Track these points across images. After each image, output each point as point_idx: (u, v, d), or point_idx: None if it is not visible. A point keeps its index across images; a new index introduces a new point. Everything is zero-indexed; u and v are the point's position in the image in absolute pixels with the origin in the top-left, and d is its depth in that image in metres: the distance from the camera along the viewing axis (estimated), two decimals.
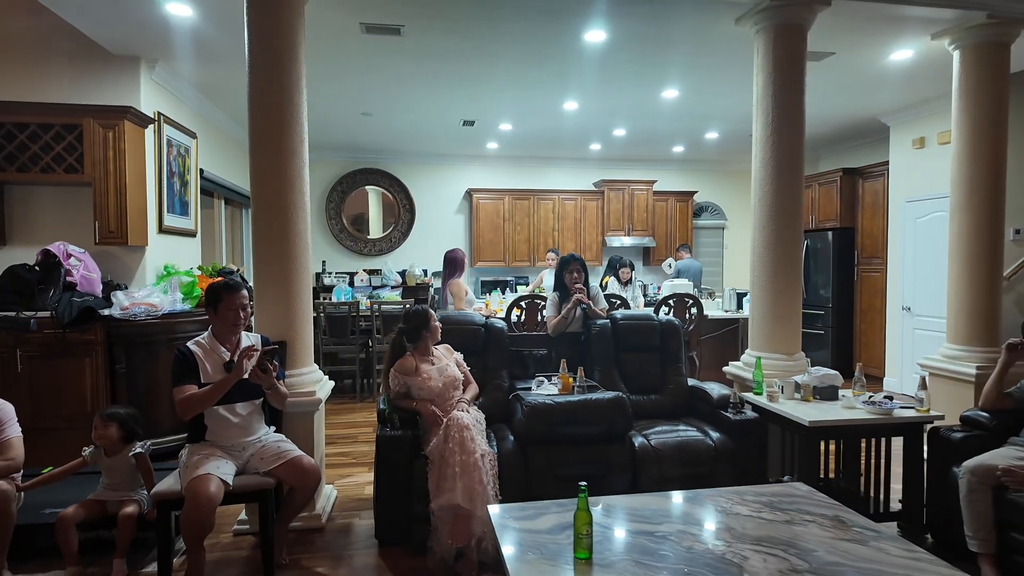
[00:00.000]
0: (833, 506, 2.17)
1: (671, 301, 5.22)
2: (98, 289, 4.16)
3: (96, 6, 3.58)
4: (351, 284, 7.64)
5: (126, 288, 4.29)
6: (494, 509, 2.13)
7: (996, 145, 3.89)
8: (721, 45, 4.24)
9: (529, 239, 8.55)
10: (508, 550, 1.83)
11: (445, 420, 2.81)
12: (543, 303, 5.01)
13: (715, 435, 3.20)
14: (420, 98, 5.59)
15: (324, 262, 8.18)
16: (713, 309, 5.96)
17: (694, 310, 5.26)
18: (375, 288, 7.29)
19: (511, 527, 1.98)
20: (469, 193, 8.47)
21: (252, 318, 3.01)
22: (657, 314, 5.20)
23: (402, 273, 8.03)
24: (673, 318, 3.93)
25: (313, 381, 3.22)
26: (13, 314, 3.72)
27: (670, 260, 8.30)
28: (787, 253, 3.63)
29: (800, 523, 2.03)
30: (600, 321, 3.74)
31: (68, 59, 4.33)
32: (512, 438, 3.05)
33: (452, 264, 5.25)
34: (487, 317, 4.09)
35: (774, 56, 3.58)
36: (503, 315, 5.19)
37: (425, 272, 8.13)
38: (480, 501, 2.57)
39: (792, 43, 3.57)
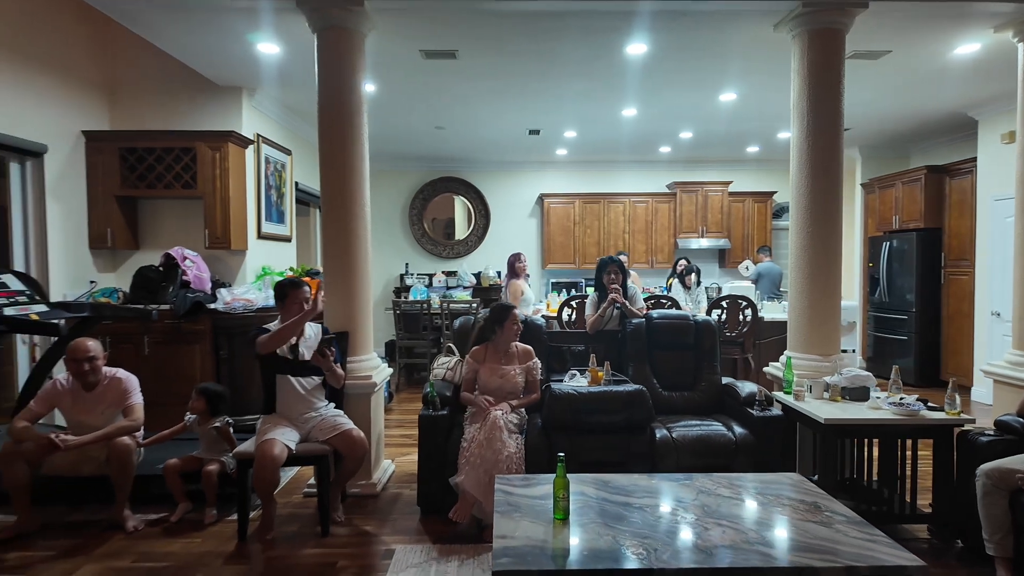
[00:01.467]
0: (817, 496, 2.30)
1: (724, 303, 5.27)
2: (207, 287, 4.90)
3: (206, 49, 4.27)
4: (429, 285, 8.21)
5: (229, 286, 5.02)
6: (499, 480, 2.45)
7: None
8: (764, 49, 4.29)
9: (599, 242, 8.74)
10: (499, 508, 2.15)
11: (487, 414, 3.15)
12: None
13: (739, 430, 3.32)
14: (483, 112, 6.00)
15: (407, 264, 8.82)
16: (776, 311, 5.89)
17: (748, 312, 5.26)
18: (449, 288, 7.80)
19: (506, 491, 2.29)
20: (541, 198, 8.80)
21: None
22: (710, 315, 5.30)
23: (477, 275, 8.50)
24: (709, 318, 4.04)
25: (371, 367, 3.69)
26: (142, 307, 4.49)
27: (747, 263, 8.18)
28: (824, 256, 3.66)
29: (774, 506, 2.18)
30: (636, 320, 3.94)
31: (185, 92, 5.12)
32: (540, 424, 3.34)
33: (512, 267, 5.67)
34: (543, 316, 4.42)
35: (809, 61, 3.63)
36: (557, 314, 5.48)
37: (498, 274, 8.54)
38: (487, 493, 2.84)
39: (828, 47, 3.60)
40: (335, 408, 3.31)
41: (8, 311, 3.46)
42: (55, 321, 3.55)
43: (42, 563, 2.76)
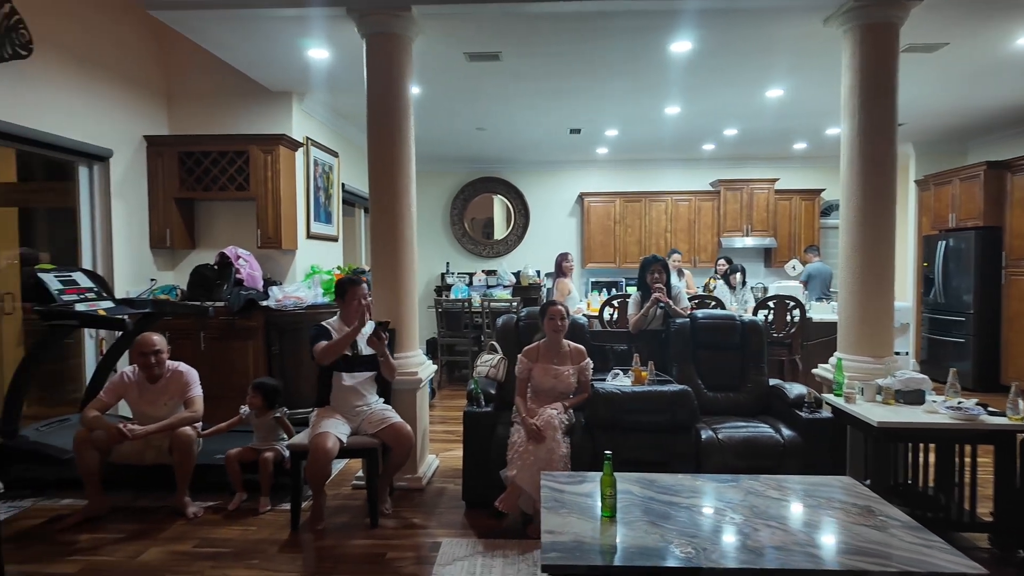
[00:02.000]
0: (870, 499, 2.25)
1: (771, 304, 5.17)
2: (260, 285, 5.08)
3: (260, 55, 4.43)
4: (470, 284, 8.30)
5: (280, 284, 5.19)
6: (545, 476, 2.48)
7: None
8: (812, 45, 4.20)
9: (640, 240, 8.68)
10: (546, 504, 2.18)
11: (539, 411, 3.19)
12: None
13: (787, 433, 3.28)
14: (525, 112, 6.04)
15: (448, 263, 8.93)
16: (825, 312, 5.74)
17: (796, 313, 5.15)
18: (490, 287, 7.86)
19: (554, 488, 2.32)
20: (581, 197, 8.79)
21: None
22: (756, 316, 5.21)
23: (516, 274, 8.55)
24: (756, 318, 3.98)
25: (417, 363, 3.77)
26: (199, 303, 4.69)
27: (794, 262, 8.01)
28: (876, 256, 3.57)
29: (825, 509, 2.15)
30: (680, 320, 3.92)
31: (238, 98, 5.32)
32: (584, 423, 3.36)
33: (560, 266, 5.75)
34: (583, 315, 4.44)
35: (861, 56, 3.54)
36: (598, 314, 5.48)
37: (538, 273, 8.58)
38: (540, 490, 2.87)
39: (881, 42, 3.51)
40: (384, 402, 3.40)
41: (78, 307, 3.67)
42: (121, 316, 3.74)
43: (111, 545, 2.93)
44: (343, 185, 6.60)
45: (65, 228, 4.86)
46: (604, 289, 7.99)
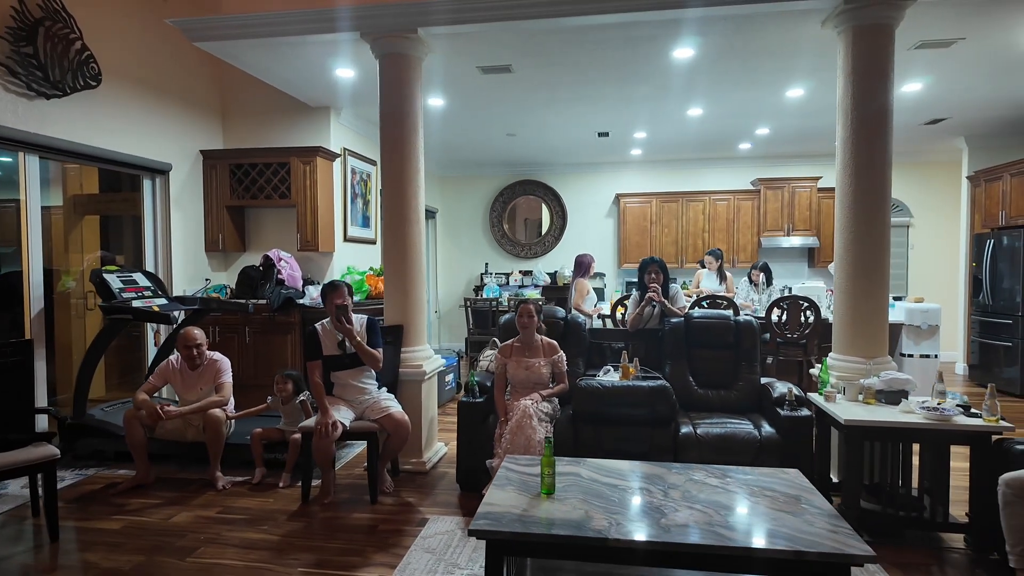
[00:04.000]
0: (804, 491, 2.36)
1: (784, 304, 5.16)
2: (299, 284, 5.55)
3: (295, 76, 4.89)
4: (506, 284, 8.59)
5: (317, 284, 5.65)
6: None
7: None
8: (819, 46, 4.20)
9: (677, 240, 8.69)
10: (496, 482, 2.43)
11: (515, 404, 3.44)
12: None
13: (766, 430, 3.36)
14: (550, 118, 6.25)
15: (487, 264, 9.25)
16: None
17: (809, 314, 5.11)
18: (522, 287, 8.12)
19: (511, 469, 2.57)
20: (617, 198, 8.89)
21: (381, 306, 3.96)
22: (769, 316, 5.22)
23: (552, 275, 8.76)
24: (750, 318, 4.04)
25: (423, 357, 4.09)
26: (243, 301, 5.21)
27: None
28: (868, 257, 3.56)
29: (755, 496, 2.29)
30: (675, 319, 4.05)
31: (283, 113, 5.83)
32: (570, 414, 3.57)
33: (579, 266, 5.92)
34: (600, 316, 4.63)
35: (854, 56, 3.55)
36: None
37: (599, 274, 8.74)
38: None
39: (874, 43, 3.50)
40: (387, 392, 3.73)
41: (135, 303, 4.22)
42: (171, 312, 4.27)
43: (151, 508, 3.40)
44: (382, 192, 7.02)
45: (136, 233, 5.51)
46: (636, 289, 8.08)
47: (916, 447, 3.22)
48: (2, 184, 4.64)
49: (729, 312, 4.25)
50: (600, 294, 8.16)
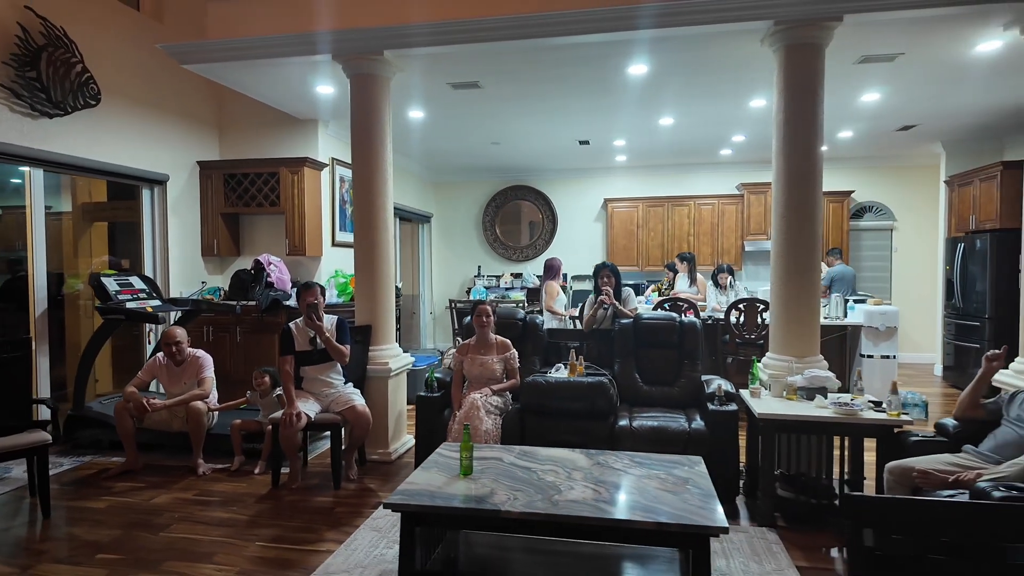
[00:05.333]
0: (696, 475, 2.61)
1: (741, 306, 5.37)
2: (288, 287, 5.90)
3: (279, 92, 5.24)
4: (496, 286, 8.88)
5: None
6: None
7: None
8: (765, 61, 4.43)
9: (663, 244, 8.91)
10: (424, 466, 2.72)
11: (465, 398, 3.74)
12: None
13: (696, 424, 3.61)
14: (529, 127, 6.53)
15: (480, 267, 9.56)
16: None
17: (767, 315, 5.31)
18: (508, 290, 8.41)
19: (439, 454, 2.86)
20: (605, 202, 9.14)
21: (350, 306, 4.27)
22: (728, 318, 5.44)
23: (541, 277, 9.03)
24: (695, 319, 4.28)
25: (390, 355, 4.40)
26: (233, 303, 5.57)
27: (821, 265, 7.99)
28: (800, 263, 3.79)
29: (650, 479, 2.55)
30: (625, 320, 4.30)
31: (275, 126, 6.19)
32: (518, 407, 3.85)
33: (549, 270, 6.20)
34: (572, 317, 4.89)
35: (785, 74, 3.79)
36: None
37: (564, 276, 9.00)
38: None
39: (804, 61, 3.73)
40: (353, 387, 4.05)
41: (129, 305, 4.59)
42: (160, 313, 4.63)
43: (135, 491, 3.75)
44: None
45: (139, 239, 5.91)
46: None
47: (840, 441, 3.46)
48: (11, 192, 5.05)
49: (675, 314, 4.49)
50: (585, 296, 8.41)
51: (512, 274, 9.18)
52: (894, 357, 5.41)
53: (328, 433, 4.68)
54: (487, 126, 6.46)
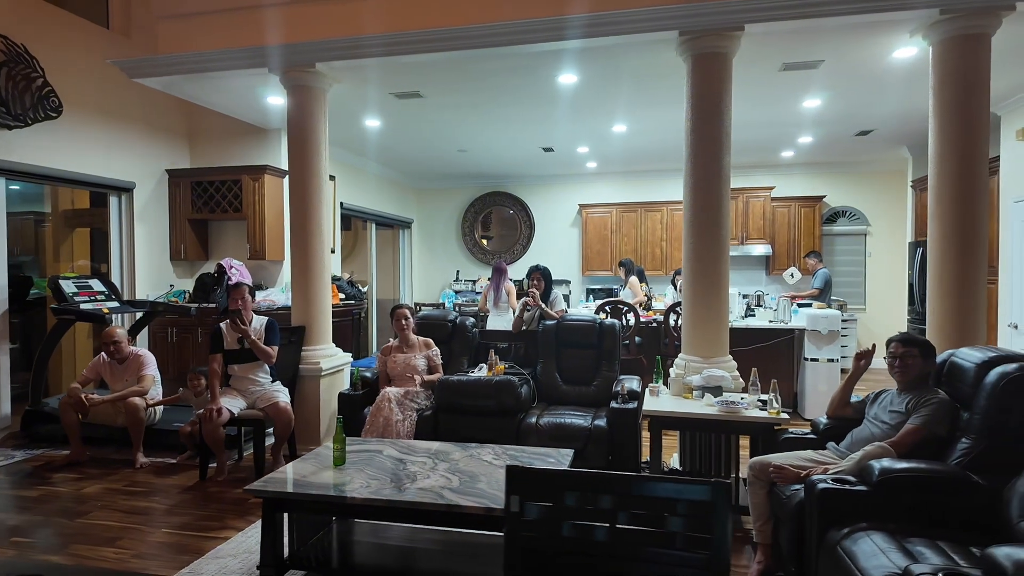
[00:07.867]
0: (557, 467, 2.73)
1: (678, 309, 5.44)
2: None
3: (234, 103, 5.49)
4: (472, 289, 9.05)
5: (264, 289, 6.22)
6: None
7: None
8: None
9: (636, 249, 8.98)
10: (306, 457, 2.87)
11: (381, 391, 3.90)
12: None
13: (598, 421, 3.72)
14: (489, 135, 6.68)
15: (458, 271, 9.73)
16: (761, 319, 5.88)
17: None
18: (477, 293, 8.55)
19: (325, 447, 3.00)
20: (580, 208, 9.25)
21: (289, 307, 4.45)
22: (667, 321, 5.53)
23: (519, 282, 9.15)
24: (614, 321, 4.38)
25: (323, 355, 4.57)
26: (188, 305, 5.80)
27: (792, 269, 8.03)
28: (707, 266, 3.88)
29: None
30: (549, 321, 4.43)
31: (241, 135, 6.43)
32: (433, 405, 3.99)
33: (500, 272, 6.34)
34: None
35: (693, 82, 3.90)
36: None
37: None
38: None
39: (712, 70, 3.84)
40: (280, 385, 4.22)
41: (84, 306, 4.83)
42: (111, 315, 4.87)
43: (70, 481, 3.97)
44: (342, 204, 7.58)
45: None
46: (593, 296, 8.43)
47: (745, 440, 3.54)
48: None
49: (597, 315, 4.60)
50: (567, 300, 8.52)
51: (488, 279, 9.30)
52: (837, 361, 5.43)
53: (267, 432, 4.90)
54: (443, 134, 6.63)
